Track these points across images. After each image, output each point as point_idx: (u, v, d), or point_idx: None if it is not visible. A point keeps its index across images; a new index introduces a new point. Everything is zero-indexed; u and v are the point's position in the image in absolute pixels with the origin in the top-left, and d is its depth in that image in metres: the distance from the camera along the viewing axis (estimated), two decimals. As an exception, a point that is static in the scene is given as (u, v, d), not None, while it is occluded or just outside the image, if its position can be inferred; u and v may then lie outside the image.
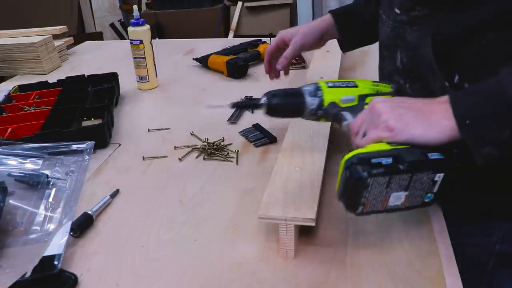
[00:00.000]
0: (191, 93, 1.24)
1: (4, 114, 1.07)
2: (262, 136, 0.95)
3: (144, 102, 1.22)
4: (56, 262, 0.60)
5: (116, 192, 0.79)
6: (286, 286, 0.58)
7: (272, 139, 0.93)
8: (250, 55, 1.38)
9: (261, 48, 1.43)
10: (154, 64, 1.27)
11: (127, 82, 1.28)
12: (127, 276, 0.61)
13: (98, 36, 3.28)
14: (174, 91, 1.27)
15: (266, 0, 3.13)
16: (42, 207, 0.73)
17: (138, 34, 1.21)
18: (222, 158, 0.88)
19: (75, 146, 0.87)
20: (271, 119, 0.94)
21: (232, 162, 0.87)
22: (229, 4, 3.30)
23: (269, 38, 1.52)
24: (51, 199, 0.75)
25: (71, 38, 1.69)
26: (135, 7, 1.24)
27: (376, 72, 0.83)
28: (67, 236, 0.64)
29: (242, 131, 0.98)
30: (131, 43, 1.23)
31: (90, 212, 0.72)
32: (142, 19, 1.22)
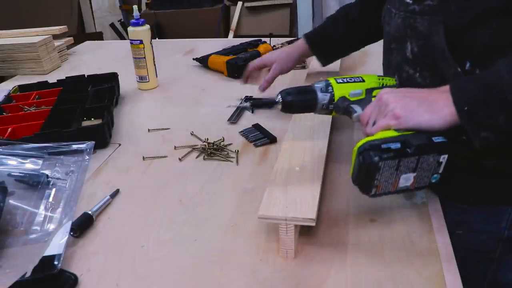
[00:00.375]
0: (191, 93, 1.24)
1: (4, 114, 1.07)
2: (262, 136, 0.95)
3: (144, 102, 1.22)
4: (56, 262, 0.59)
5: (116, 192, 0.79)
6: (286, 286, 0.58)
7: (272, 139, 0.93)
8: (250, 55, 1.38)
9: (261, 48, 1.43)
10: (154, 64, 1.27)
11: (127, 82, 1.28)
12: (127, 276, 0.61)
13: (98, 36, 3.28)
14: (174, 91, 1.27)
15: (266, 0, 3.13)
16: (42, 207, 0.73)
17: (138, 34, 1.21)
18: (222, 158, 0.88)
19: (75, 146, 0.87)
20: (271, 119, 0.93)
21: (232, 162, 0.87)
22: (229, 4, 3.30)
23: (269, 38, 1.52)
24: (51, 199, 0.75)
25: (71, 38, 1.69)
26: (135, 7, 1.24)
27: (377, 71, 0.83)
28: (67, 236, 0.64)
29: (242, 131, 0.98)
30: (131, 43, 1.23)
31: (90, 212, 0.72)
32: (142, 19, 1.22)
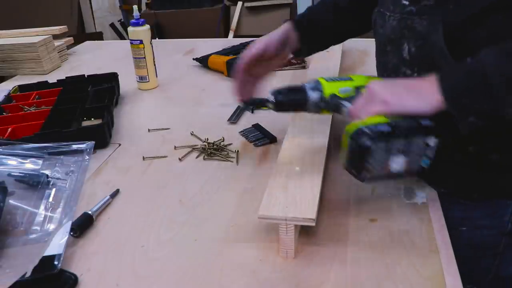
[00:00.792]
0: (191, 93, 1.24)
1: (4, 114, 1.07)
2: (262, 136, 0.94)
3: (144, 102, 1.22)
4: (56, 262, 0.59)
5: (116, 192, 0.79)
6: (286, 286, 0.58)
7: (272, 139, 0.93)
8: (250, 55, 1.38)
9: (261, 48, 1.43)
10: (154, 64, 1.27)
11: (127, 82, 1.28)
12: (127, 276, 0.61)
13: (98, 36, 3.28)
14: (174, 91, 1.27)
15: (266, 0, 3.13)
16: (42, 207, 0.73)
17: (138, 34, 1.21)
18: (222, 158, 0.88)
19: (75, 146, 0.87)
20: (271, 119, 0.93)
21: (232, 162, 0.87)
22: (229, 4, 3.30)
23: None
24: (51, 199, 0.75)
25: (71, 38, 1.69)
26: (135, 7, 1.24)
27: (375, 72, 0.83)
28: (67, 236, 0.64)
29: (242, 131, 0.98)
30: (131, 43, 1.23)
31: (90, 212, 0.72)
32: (142, 19, 1.22)
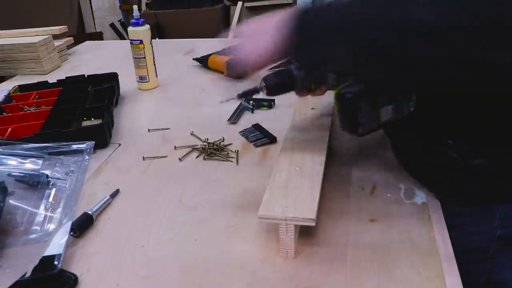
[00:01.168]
0: (191, 93, 1.24)
1: (4, 114, 1.07)
2: (262, 136, 0.94)
3: (144, 102, 1.22)
4: (56, 262, 0.59)
5: (116, 192, 0.79)
6: (286, 286, 0.58)
7: (272, 139, 0.93)
8: (250, 55, 1.38)
9: (261, 48, 1.43)
10: (154, 64, 1.27)
11: (127, 82, 1.28)
12: (127, 276, 0.61)
13: (98, 36, 3.28)
14: (174, 91, 1.27)
15: (266, 0, 3.13)
16: (42, 207, 0.73)
17: (138, 34, 1.21)
18: (222, 158, 0.88)
19: (75, 146, 0.87)
20: (271, 119, 0.93)
21: (232, 162, 0.87)
22: (229, 4, 3.30)
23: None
24: (51, 199, 0.75)
25: (71, 38, 1.69)
26: (135, 7, 1.24)
27: None
28: (67, 236, 0.64)
29: (242, 131, 0.98)
30: (131, 43, 1.23)
31: (90, 212, 0.72)
32: (142, 19, 1.22)
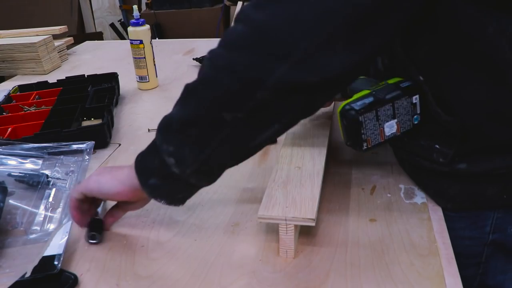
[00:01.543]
0: (191, 93, 1.24)
1: (4, 114, 1.07)
2: (262, 136, 0.94)
3: (144, 102, 1.22)
4: (56, 262, 0.59)
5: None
6: (286, 286, 0.58)
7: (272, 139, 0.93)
8: (250, 55, 1.38)
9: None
10: (154, 64, 1.27)
11: (127, 82, 1.28)
12: (127, 276, 0.61)
13: (98, 36, 3.28)
14: (174, 91, 1.27)
15: (266, 0, 3.13)
16: (42, 207, 0.73)
17: (138, 34, 1.21)
18: (222, 158, 0.88)
19: (75, 146, 0.87)
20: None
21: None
22: (229, 4, 3.30)
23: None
24: (51, 199, 0.75)
25: (71, 38, 1.69)
26: (135, 7, 1.24)
27: None
28: (67, 236, 0.64)
29: (242, 131, 0.98)
30: (131, 43, 1.23)
31: (99, 212, 0.71)
32: (142, 19, 1.22)
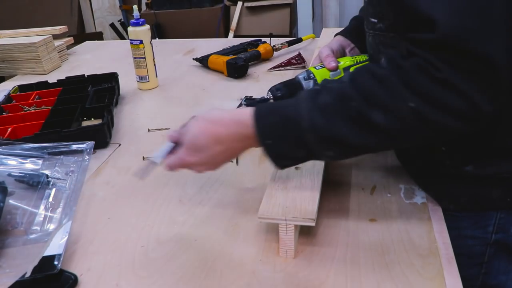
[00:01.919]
0: (191, 93, 1.24)
1: (4, 114, 1.07)
2: (262, 136, 0.94)
3: (144, 102, 1.22)
4: (56, 262, 0.59)
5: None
6: (286, 286, 0.58)
7: (272, 139, 0.93)
8: (250, 55, 1.38)
9: (261, 48, 1.43)
10: (154, 64, 1.27)
11: (127, 82, 1.28)
12: (127, 276, 0.61)
13: (98, 36, 3.28)
14: (174, 91, 1.27)
15: (266, 0, 3.13)
16: (42, 207, 0.73)
17: (138, 34, 1.21)
18: (222, 158, 0.88)
19: (75, 146, 0.87)
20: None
21: (232, 162, 0.87)
22: (229, 4, 3.29)
23: (269, 38, 1.52)
24: (51, 199, 0.75)
25: (71, 38, 1.69)
26: (135, 7, 1.24)
27: None
28: (67, 236, 0.64)
29: (242, 131, 0.98)
30: (131, 43, 1.23)
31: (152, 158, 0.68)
32: (142, 19, 1.22)
